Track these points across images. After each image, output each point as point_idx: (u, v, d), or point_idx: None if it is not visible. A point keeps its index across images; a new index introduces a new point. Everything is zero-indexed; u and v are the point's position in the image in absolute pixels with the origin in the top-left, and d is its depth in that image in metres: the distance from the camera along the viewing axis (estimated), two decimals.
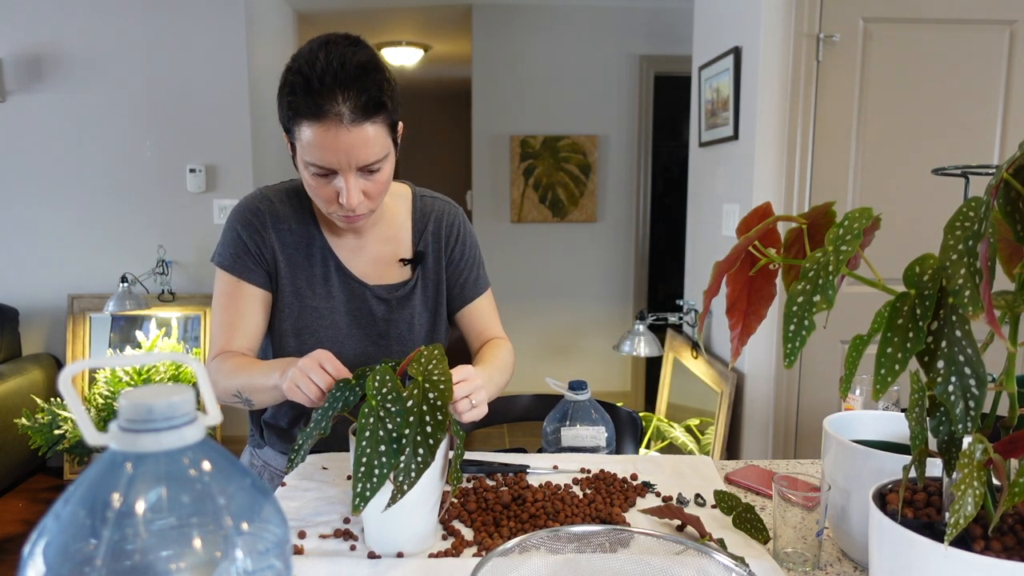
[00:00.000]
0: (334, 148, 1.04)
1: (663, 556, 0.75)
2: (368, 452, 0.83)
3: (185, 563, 0.39)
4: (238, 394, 1.14)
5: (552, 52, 4.33)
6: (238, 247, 1.22)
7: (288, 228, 1.23)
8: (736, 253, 0.73)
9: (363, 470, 0.82)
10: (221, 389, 1.15)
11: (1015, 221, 0.60)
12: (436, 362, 0.91)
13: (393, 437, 0.84)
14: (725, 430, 2.52)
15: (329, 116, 1.02)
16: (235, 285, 1.22)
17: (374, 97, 1.04)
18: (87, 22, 3.37)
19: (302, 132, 1.05)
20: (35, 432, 3.02)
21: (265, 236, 1.22)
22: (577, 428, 1.26)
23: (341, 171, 1.07)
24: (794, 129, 2.36)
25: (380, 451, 0.83)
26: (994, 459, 0.57)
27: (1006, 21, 2.34)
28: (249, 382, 1.12)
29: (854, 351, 0.64)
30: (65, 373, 0.41)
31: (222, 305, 1.22)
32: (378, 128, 1.07)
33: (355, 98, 1.03)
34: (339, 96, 1.02)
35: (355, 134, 1.04)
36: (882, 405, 1.36)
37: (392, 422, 0.85)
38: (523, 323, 4.49)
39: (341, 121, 1.03)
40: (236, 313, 1.21)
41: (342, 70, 1.02)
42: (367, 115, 1.04)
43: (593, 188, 4.42)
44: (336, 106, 1.02)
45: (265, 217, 1.23)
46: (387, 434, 0.84)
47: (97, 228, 3.51)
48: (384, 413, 0.85)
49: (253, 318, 1.22)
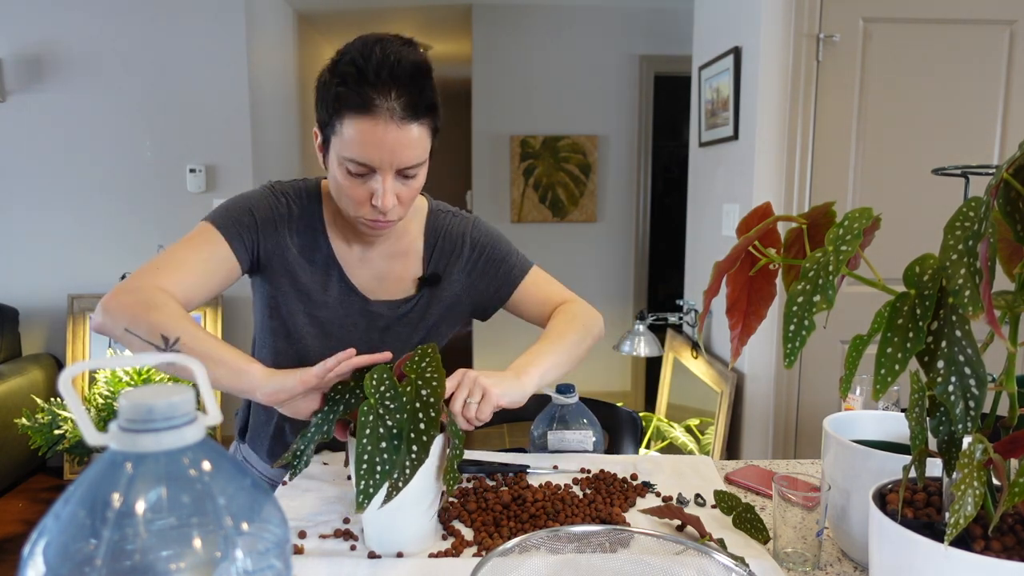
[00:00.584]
0: (379, 145, 1.01)
1: (663, 556, 0.75)
2: (369, 450, 0.83)
3: (185, 563, 0.39)
4: (165, 340, 0.95)
5: (552, 52, 4.33)
6: (238, 212, 1.13)
7: (297, 230, 1.18)
8: (736, 253, 0.73)
9: (365, 467, 0.82)
10: (144, 326, 0.96)
11: (1015, 221, 0.60)
12: (429, 360, 0.91)
13: (393, 434, 0.84)
14: (725, 430, 2.52)
15: (380, 111, 1.00)
16: (213, 236, 1.10)
17: (427, 98, 1.03)
18: (87, 22, 3.37)
19: (345, 127, 1.02)
20: (35, 432, 3.02)
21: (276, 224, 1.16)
22: (564, 432, 1.25)
23: (381, 170, 1.04)
24: (794, 129, 2.36)
25: (381, 448, 0.83)
26: (994, 459, 0.57)
27: (1006, 21, 2.34)
28: (196, 343, 0.96)
29: (854, 351, 0.64)
30: (65, 374, 0.41)
31: (185, 243, 1.09)
32: (423, 131, 1.05)
33: (408, 96, 1.01)
34: (392, 92, 1.00)
35: (403, 133, 1.01)
36: (882, 405, 1.36)
37: (391, 419, 0.85)
38: (523, 323, 4.47)
39: (391, 117, 1.00)
40: (196, 259, 1.08)
41: (398, 66, 1.00)
42: (416, 115, 1.02)
43: (593, 188, 4.42)
44: (388, 101, 1.00)
45: (280, 210, 1.17)
46: (387, 431, 0.84)
47: (97, 228, 3.50)
48: (383, 410, 0.85)
49: (207, 276, 1.08)
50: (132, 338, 0.98)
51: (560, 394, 1.28)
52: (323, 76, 1.06)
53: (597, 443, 1.27)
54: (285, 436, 1.29)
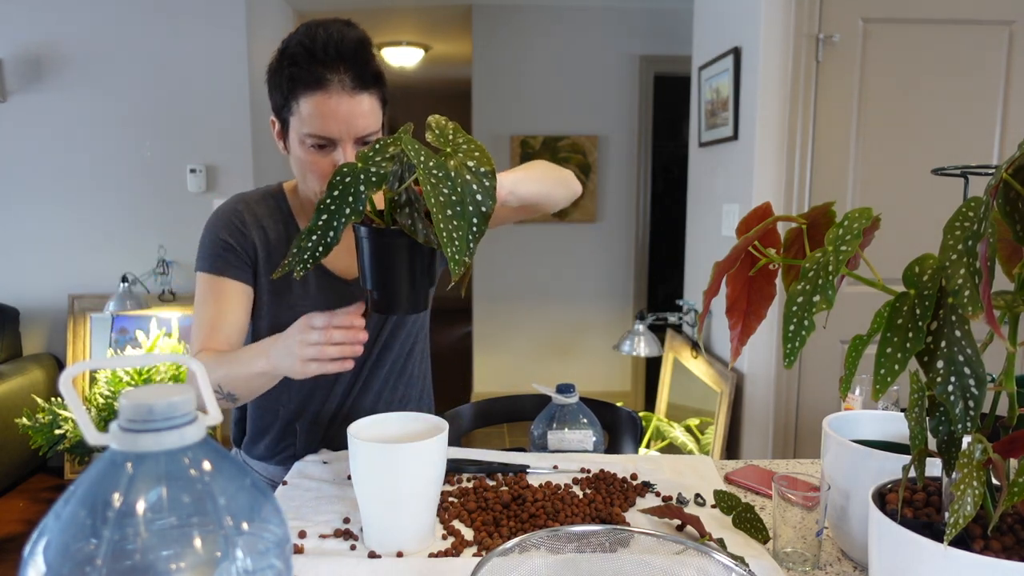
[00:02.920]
0: (335, 115, 1.09)
1: (663, 556, 0.75)
2: (440, 220, 0.81)
3: (185, 563, 0.40)
4: (219, 389, 1.10)
5: (552, 52, 4.33)
6: (218, 247, 1.21)
7: (266, 227, 1.24)
8: (736, 253, 0.73)
9: (444, 237, 0.81)
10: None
11: (1015, 221, 0.61)
12: (454, 132, 0.88)
13: (452, 200, 0.82)
14: (725, 430, 2.52)
15: (332, 84, 1.08)
16: (217, 283, 1.20)
17: (373, 68, 1.12)
18: (87, 22, 3.37)
19: (302, 105, 1.10)
20: (36, 432, 3.02)
21: (247, 234, 1.22)
22: (564, 432, 1.25)
23: (340, 141, 1.11)
24: (794, 129, 2.36)
25: (448, 215, 0.81)
26: (993, 459, 0.58)
27: (1006, 21, 2.34)
28: (229, 374, 1.08)
29: (854, 351, 0.64)
30: (66, 374, 0.41)
31: (202, 302, 1.20)
32: (374, 101, 1.13)
33: (355, 69, 1.09)
34: (341, 67, 1.08)
35: (355, 103, 1.10)
36: (882, 405, 1.36)
37: (444, 186, 0.82)
38: (523, 323, 4.49)
39: (343, 89, 1.08)
40: (218, 310, 1.18)
41: (343, 43, 1.09)
42: (366, 86, 1.11)
43: (593, 188, 4.42)
44: (339, 75, 1.08)
45: (244, 216, 1.23)
46: (446, 199, 0.82)
47: (97, 228, 3.50)
48: (435, 180, 0.82)
49: (235, 313, 1.19)
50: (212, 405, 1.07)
51: (560, 394, 1.28)
52: (272, 64, 1.14)
53: (597, 443, 1.27)
54: (286, 439, 1.30)
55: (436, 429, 0.96)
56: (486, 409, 1.68)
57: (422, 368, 1.42)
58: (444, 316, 7.74)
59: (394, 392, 1.35)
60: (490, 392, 4.18)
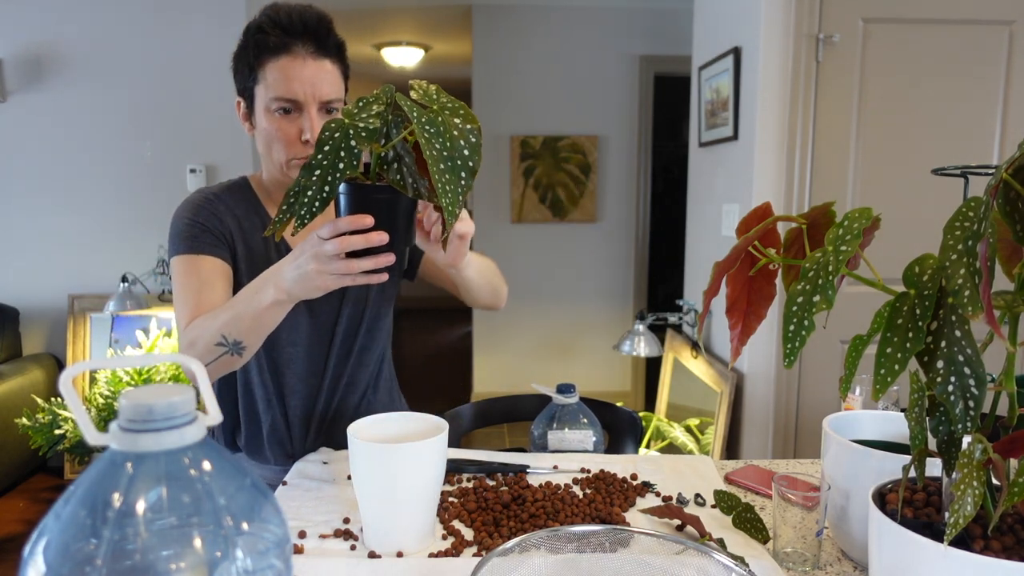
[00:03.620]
0: (300, 78, 1.14)
1: (663, 556, 0.75)
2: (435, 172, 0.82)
3: (185, 563, 0.40)
4: (223, 340, 1.04)
5: (552, 52, 4.33)
6: (194, 228, 1.20)
7: (238, 215, 1.24)
8: (736, 253, 0.73)
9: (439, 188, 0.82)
10: (203, 346, 1.05)
11: (1015, 221, 0.61)
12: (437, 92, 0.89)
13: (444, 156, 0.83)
14: (725, 430, 2.52)
15: (296, 48, 1.15)
16: (195, 261, 1.18)
17: (335, 39, 1.19)
18: (87, 22, 3.37)
19: (268, 72, 1.15)
20: (35, 432, 3.02)
21: (222, 219, 1.22)
22: (564, 432, 1.25)
23: (306, 104, 1.15)
24: (794, 129, 2.36)
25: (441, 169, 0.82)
26: (993, 459, 0.58)
27: (1006, 21, 2.34)
28: (234, 316, 1.03)
29: (854, 351, 0.64)
30: (65, 375, 0.41)
31: (183, 284, 1.17)
32: (335, 68, 1.19)
33: (317, 37, 1.16)
34: (304, 35, 1.15)
35: (319, 66, 1.16)
36: (882, 405, 1.36)
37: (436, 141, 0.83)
38: (523, 323, 4.49)
39: (307, 53, 1.15)
40: (201, 283, 1.16)
41: (306, 14, 1.17)
42: (328, 52, 1.17)
43: (593, 188, 4.42)
44: (302, 40, 1.15)
45: (216, 204, 1.23)
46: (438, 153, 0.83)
47: (97, 228, 3.50)
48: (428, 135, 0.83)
49: (219, 288, 1.16)
50: (214, 367, 1.08)
51: (560, 394, 1.28)
52: (238, 45, 1.21)
53: (597, 443, 1.27)
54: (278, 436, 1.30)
55: (436, 429, 0.96)
56: (486, 409, 1.68)
57: (391, 371, 1.45)
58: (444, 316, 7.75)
59: (375, 392, 1.37)
60: (490, 392, 4.18)
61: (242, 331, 1.04)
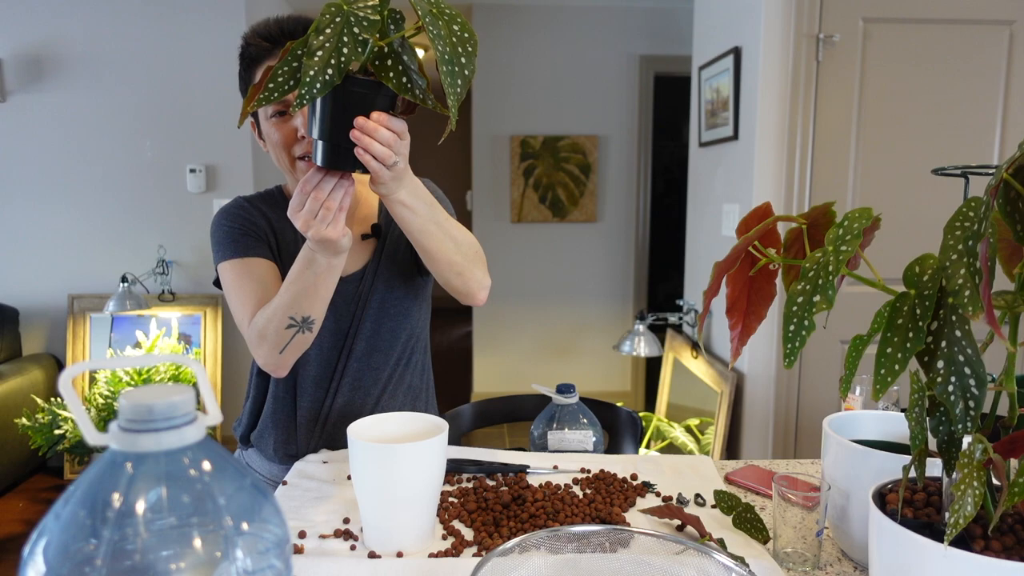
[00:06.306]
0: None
1: (663, 556, 0.75)
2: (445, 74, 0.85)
3: (185, 563, 0.40)
4: (292, 320, 1.09)
5: (552, 52, 4.33)
6: (235, 233, 1.24)
7: (271, 219, 1.29)
8: (736, 253, 0.73)
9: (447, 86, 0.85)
10: (273, 334, 1.11)
11: (1015, 221, 0.61)
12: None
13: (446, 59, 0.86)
14: (725, 430, 2.52)
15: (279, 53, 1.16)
16: (243, 264, 1.22)
17: None
18: (87, 22, 3.37)
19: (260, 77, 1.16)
20: (35, 432, 3.02)
21: (258, 223, 1.27)
22: (564, 432, 1.25)
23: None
24: (794, 129, 2.36)
25: (445, 71, 0.85)
26: (994, 459, 0.58)
27: (1006, 21, 2.34)
28: (293, 294, 1.07)
29: (854, 351, 0.64)
30: (65, 375, 0.41)
31: (237, 286, 1.20)
32: None
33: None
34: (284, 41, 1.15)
35: None
36: (882, 405, 1.36)
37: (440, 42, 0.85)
38: (523, 323, 4.49)
39: None
40: (253, 284, 1.19)
41: (287, 22, 1.19)
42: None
43: (593, 188, 4.42)
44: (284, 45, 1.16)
45: (251, 210, 1.29)
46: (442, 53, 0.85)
47: (97, 228, 3.51)
48: (432, 35, 0.85)
49: (270, 284, 1.20)
50: (289, 349, 1.13)
51: (560, 394, 1.28)
52: (240, 70, 1.22)
53: (597, 443, 1.27)
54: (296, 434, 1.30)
55: (436, 429, 0.96)
56: (486, 409, 1.68)
57: (424, 379, 1.41)
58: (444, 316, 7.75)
59: (392, 399, 1.35)
60: (490, 392, 4.18)
61: (306, 307, 1.09)
